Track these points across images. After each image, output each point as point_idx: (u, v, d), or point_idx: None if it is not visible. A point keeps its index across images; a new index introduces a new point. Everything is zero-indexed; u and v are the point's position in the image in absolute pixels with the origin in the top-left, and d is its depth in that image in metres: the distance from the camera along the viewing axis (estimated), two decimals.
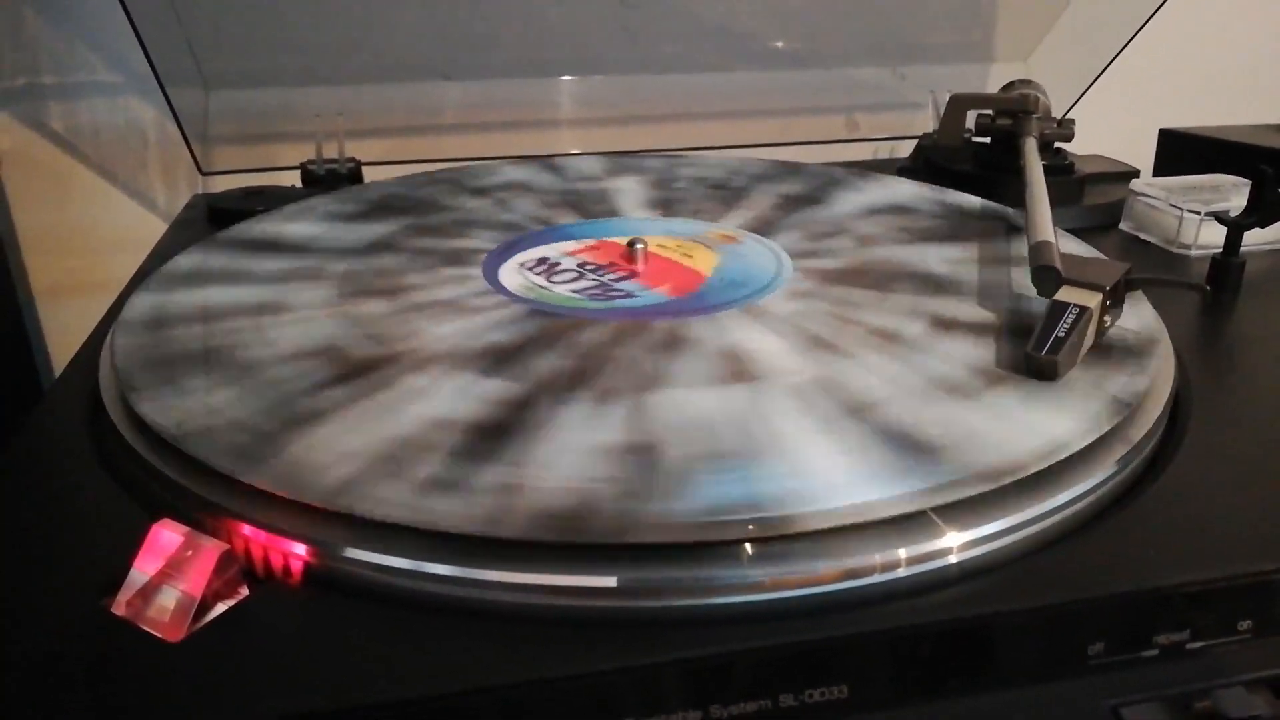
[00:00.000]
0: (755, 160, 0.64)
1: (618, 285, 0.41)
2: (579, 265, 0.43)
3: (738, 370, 0.33)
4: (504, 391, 0.32)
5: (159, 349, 0.36)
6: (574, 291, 0.40)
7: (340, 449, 0.29)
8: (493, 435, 0.29)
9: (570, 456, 0.28)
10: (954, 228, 0.49)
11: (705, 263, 0.44)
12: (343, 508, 0.26)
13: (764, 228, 0.49)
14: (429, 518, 0.26)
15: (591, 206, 0.53)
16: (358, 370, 0.34)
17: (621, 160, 0.63)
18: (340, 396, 0.32)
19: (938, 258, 0.44)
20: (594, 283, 0.41)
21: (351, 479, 0.27)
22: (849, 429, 0.30)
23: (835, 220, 0.50)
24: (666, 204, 0.54)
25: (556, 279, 0.42)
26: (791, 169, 0.61)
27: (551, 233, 0.48)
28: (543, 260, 0.44)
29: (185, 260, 0.45)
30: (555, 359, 0.34)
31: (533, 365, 0.34)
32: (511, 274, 0.43)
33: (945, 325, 0.37)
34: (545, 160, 0.64)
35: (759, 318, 0.38)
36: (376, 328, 0.37)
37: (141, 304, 0.40)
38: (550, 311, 0.38)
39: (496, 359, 0.34)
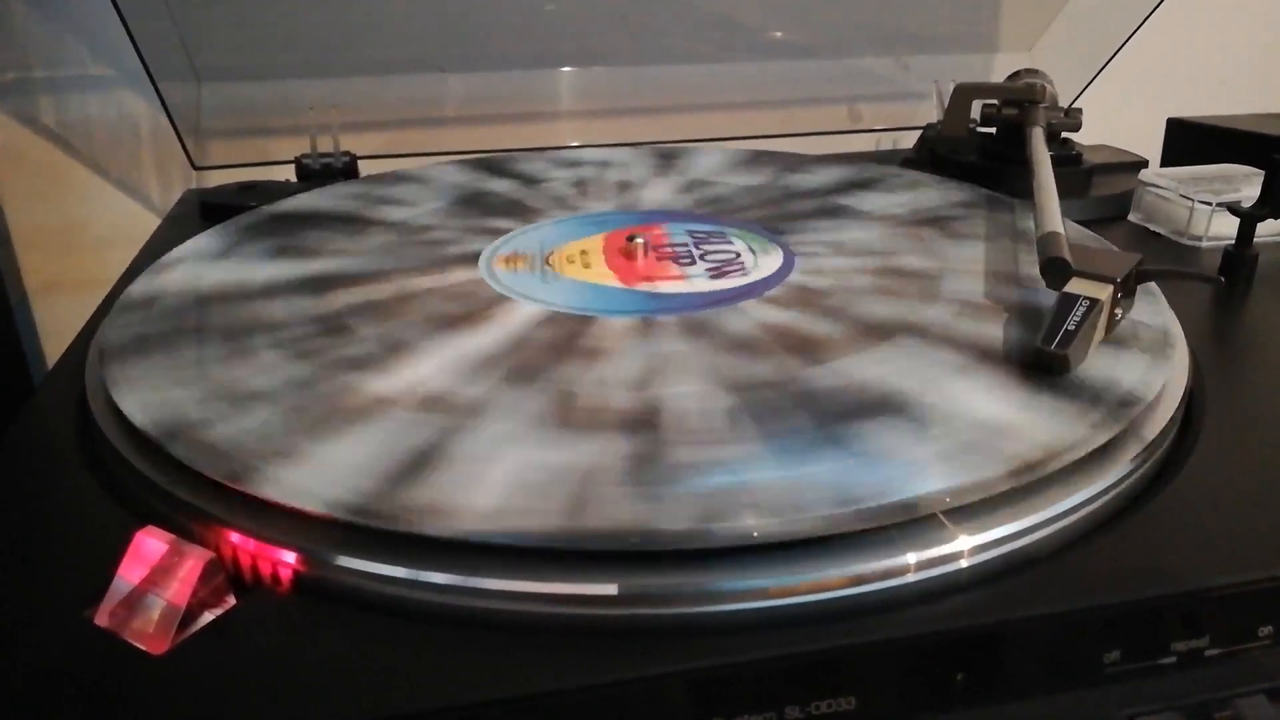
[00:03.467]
0: (741, 150, 0.63)
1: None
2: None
3: (737, 369, 0.32)
4: (501, 390, 0.31)
5: (147, 350, 0.35)
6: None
7: (331, 453, 0.28)
8: (486, 436, 0.28)
9: (562, 459, 0.27)
10: (960, 220, 0.48)
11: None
12: (334, 514, 0.25)
13: (765, 221, 0.48)
14: (423, 524, 0.25)
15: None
16: (352, 371, 0.33)
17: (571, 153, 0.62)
18: (330, 399, 0.31)
19: (944, 251, 0.43)
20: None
21: (343, 484, 0.26)
22: (854, 429, 0.29)
23: (839, 213, 0.49)
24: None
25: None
26: (792, 160, 0.60)
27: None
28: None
29: (175, 258, 0.44)
30: (545, 355, 0.33)
31: (552, 366, 0.33)
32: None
33: (952, 319, 0.36)
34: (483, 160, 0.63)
35: (762, 312, 0.37)
36: (371, 330, 0.36)
37: (130, 303, 0.39)
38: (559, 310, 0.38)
39: (487, 356, 0.33)
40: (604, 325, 0.36)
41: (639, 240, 0.43)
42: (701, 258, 0.42)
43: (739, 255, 0.43)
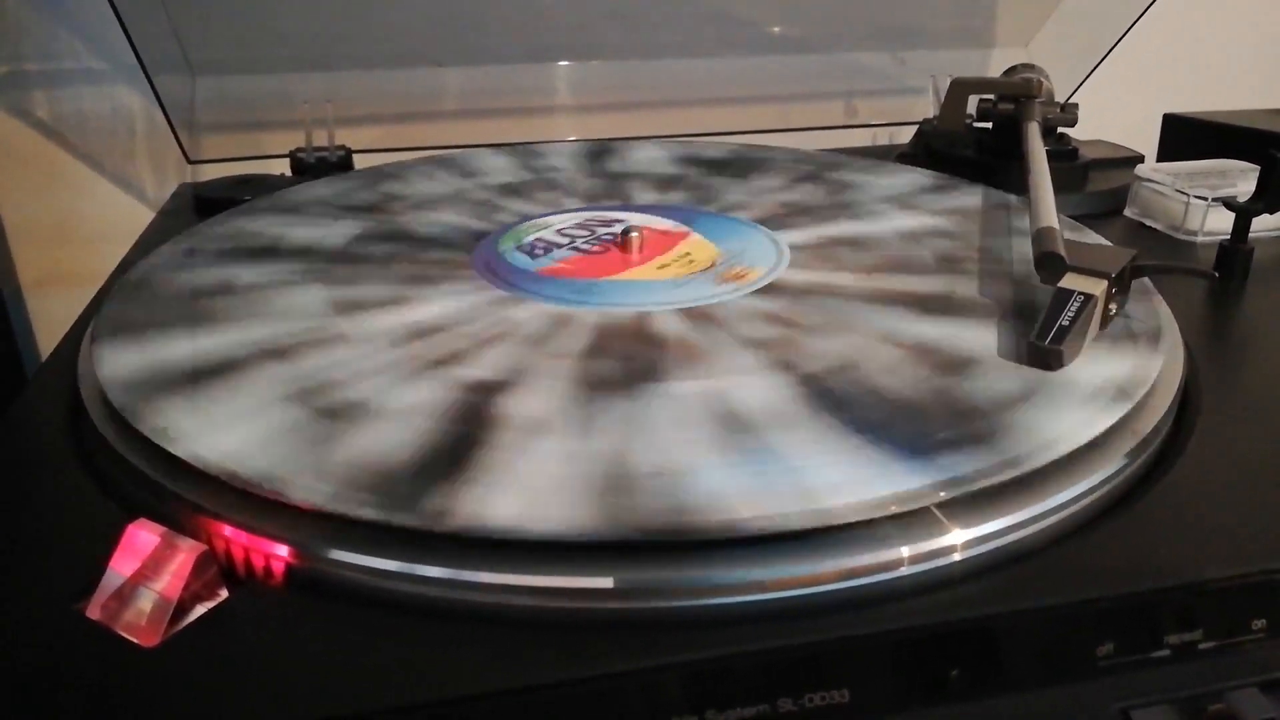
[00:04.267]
0: (748, 146, 0.63)
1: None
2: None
3: (735, 364, 0.32)
4: (497, 388, 0.31)
5: (139, 343, 0.35)
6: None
7: (325, 446, 0.28)
8: (484, 432, 0.28)
9: (563, 454, 0.27)
10: (956, 215, 0.48)
11: (704, 252, 0.43)
12: (326, 507, 0.25)
13: (764, 217, 0.48)
14: (414, 517, 0.25)
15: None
16: (344, 363, 0.33)
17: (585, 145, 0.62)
18: (325, 391, 0.31)
19: (939, 246, 0.43)
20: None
21: (334, 476, 0.26)
22: (848, 422, 0.29)
23: (835, 208, 0.49)
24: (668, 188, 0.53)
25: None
26: (788, 155, 0.60)
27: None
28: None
29: (169, 251, 0.44)
30: (544, 350, 0.33)
31: (519, 357, 0.33)
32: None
33: (947, 314, 0.36)
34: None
35: (757, 308, 0.37)
36: (362, 321, 0.36)
37: (122, 296, 0.39)
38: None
39: (485, 351, 0.33)
40: (598, 317, 0.36)
41: (634, 234, 0.42)
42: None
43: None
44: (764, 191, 0.52)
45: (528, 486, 0.26)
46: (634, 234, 0.42)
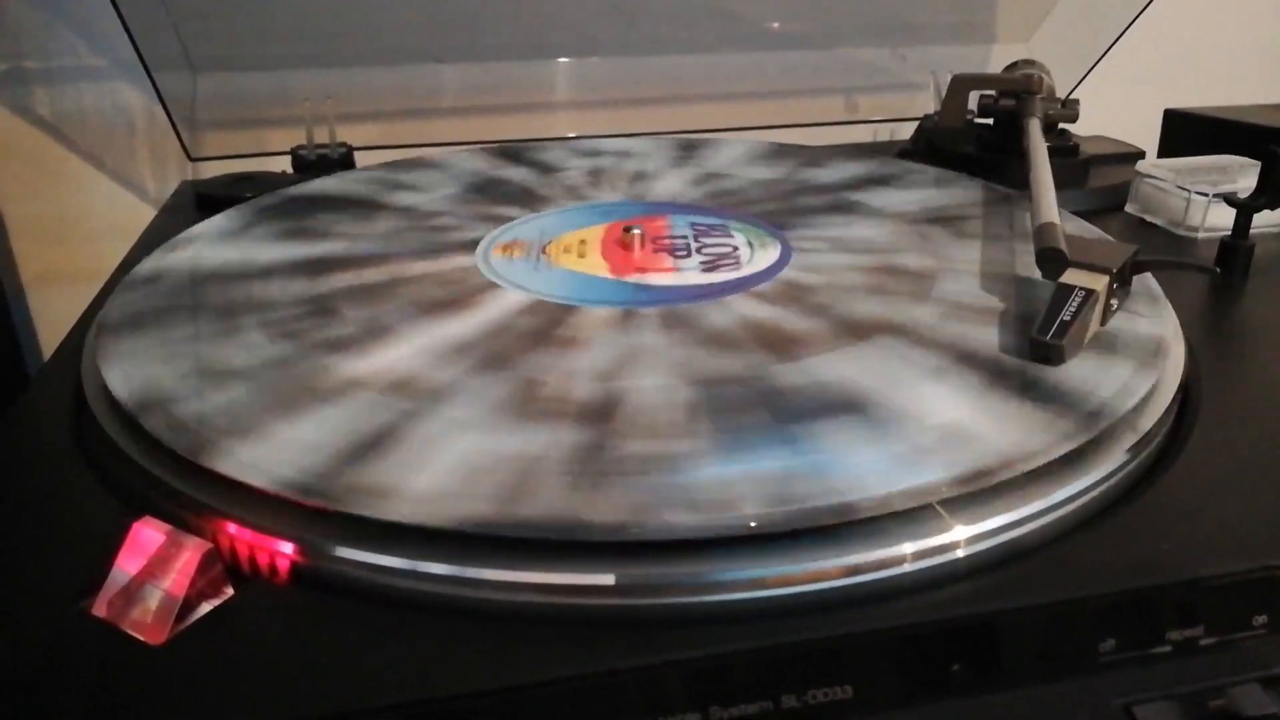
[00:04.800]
0: (748, 140, 0.63)
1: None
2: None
3: (734, 363, 0.32)
4: (496, 384, 0.31)
5: (142, 340, 0.35)
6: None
7: (330, 443, 0.28)
8: (482, 429, 0.28)
9: (561, 450, 0.27)
10: (956, 211, 0.48)
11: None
12: (331, 505, 0.25)
13: (767, 211, 0.48)
14: (421, 514, 0.25)
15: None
16: (348, 362, 0.33)
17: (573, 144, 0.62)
18: (330, 389, 0.31)
19: (940, 242, 0.43)
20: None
21: (337, 474, 0.26)
22: (850, 419, 0.29)
23: (835, 204, 0.49)
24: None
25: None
26: (789, 151, 0.60)
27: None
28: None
29: (171, 248, 0.44)
30: (542, 346, 0.33)
31: (524, 355, 0.33)
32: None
33: (948, 311, 0.36)
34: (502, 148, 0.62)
35: (758, 304, 0.37)
36: (368, 315, 0.36)
37: (125, 293, 0.39)
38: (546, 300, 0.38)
39: (486, 348, 0.33)
40: (585, 315, 0.36)
41: (635, 231, 0.43)
42: (698, 250, 0.42)
43: (736, 249, 0.43)
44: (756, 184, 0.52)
45: (524, 485, 0.26)
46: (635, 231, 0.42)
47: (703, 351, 0.33)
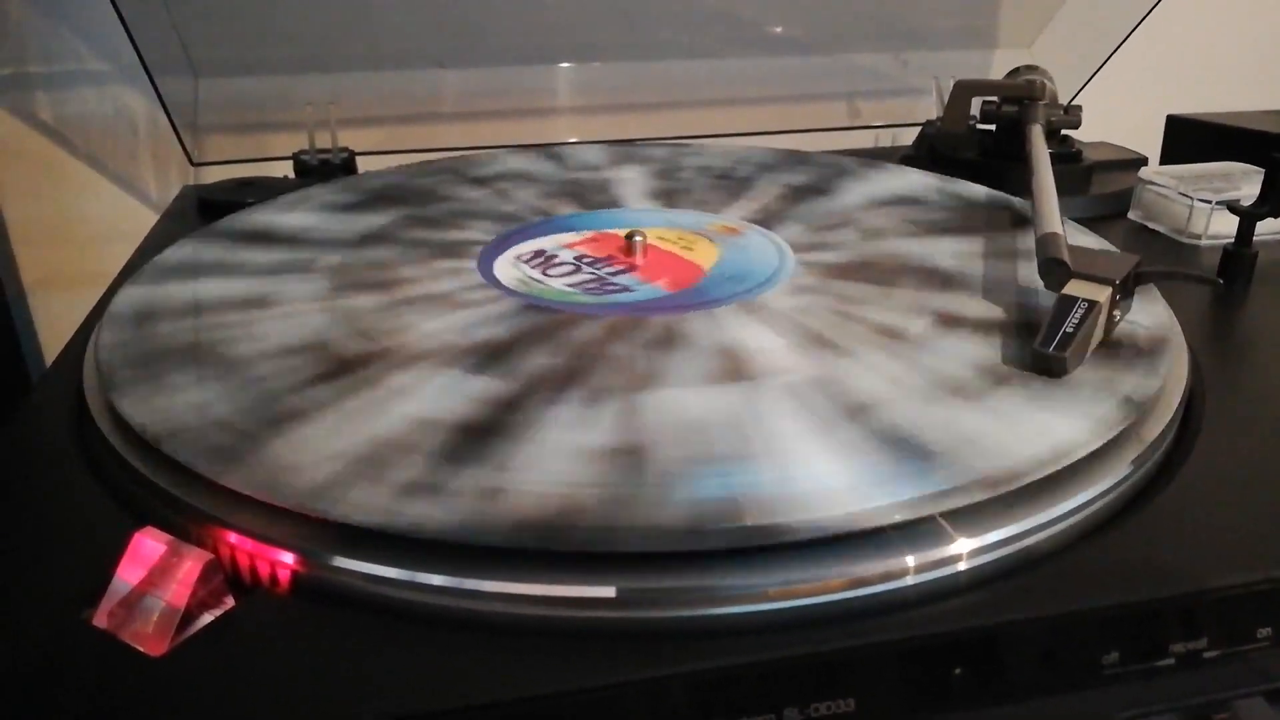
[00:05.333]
0: (760, 149, 0.63)
1: (615, 279, 0.40)
2: (576, 258, 0.43)
3: (736, 369, 0.32)
4: (494, 390, 0.31)
5: (144, 347, 0.35)
6: (570, 285, 0.40)
7: (330, 453, 0.28)
8: (482, 437, 0.28)
9: (563, 461, 0.27)
10: (959, 219, 0.48)
11: (705, 256, 0.43)
12: (332, 516, 0.25)
13: (768, 219, 0.48)
14: (419, 525, 0.25)
15: (592, 197, 0.52)
16: (348, 368, 0.33)
17: (623, 149, 0.62)
18: (330, 397, 0.31)
19: (943, 250, 0.43)
20: (590, 276, 0.41)
21: (341, 484, 0.26)
22: (853, 431, 0.29)
23: (839, 211, 0.49)
24: (669, 194, 0.53)
25: (552, 272, 0.41)
26: (798, 158, 0.60)
27: (549, 224, 0.47)
28: (539, 253, 0.43)
29: (173, 254, 0.44)
30: (547, 356, 0.33)
31: (524, 362, 0.33)
32: (507, 267, 0.42)
33: (950, 321, 0.36)
34: (545, 149, 0.63)
35: (759, 313, 0.37)
36: (367, 323, 0.36)
37: (127, 301, 0.39)
38: (544, 307, 0.37)
39: (488, 356, 0.33)
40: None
41: (638, 239, 0.43)
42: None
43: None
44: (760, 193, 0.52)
45: (523, 497, 0.26)
46: (638, 238, 0.42)
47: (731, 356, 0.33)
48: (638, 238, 0.42)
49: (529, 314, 0.37)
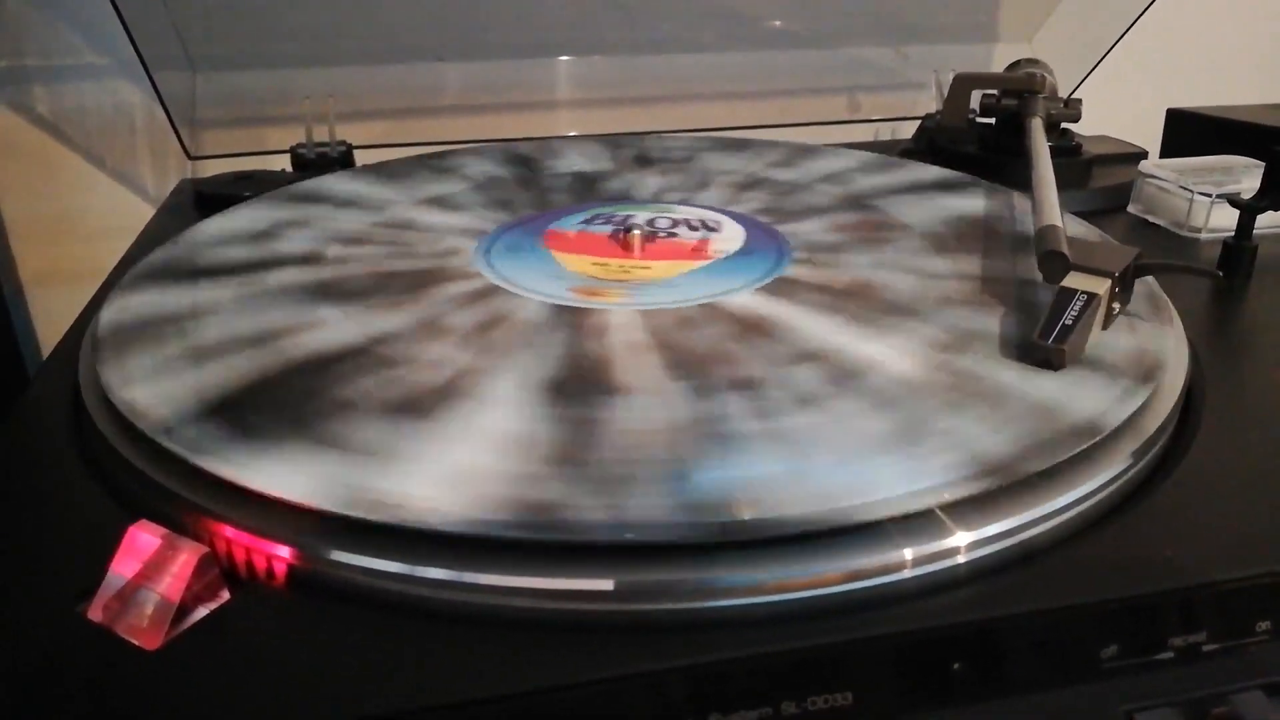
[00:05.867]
0: (757, 141, 0.62)
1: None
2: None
3: (737, 363, 0.32)
4: (494, 385, 0.31)
5: (140, 342, 0.35)
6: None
7: (324, 447, 0.28)
8: (484, 430, 0.28)
9: (563, 453, 0.27)
10: (958, 212, 0.48)
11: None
12: (326, 508, 0.25)
13: (766, 211, 0.48)
14: (418, 518, 0.25)
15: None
16: (347, 362, 0.33)
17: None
18: (328, 391, 0.31)
19: (942, 243, 0.43)
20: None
21: (333, 477, 0.26)
22: (851, 424, 0.29)
23: (836, 203, 0.49)
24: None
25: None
26: (797, 150, 0.60)
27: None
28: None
29: (171, 249, 0.44)
30: (552, 346, 0.33)
31: (525, 355, 0.33)
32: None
33: (949, 313, 0.36)
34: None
35: (758, 306, 0.37)
36: (368, 316, 0.36)
37: (123, 295, 0.39)
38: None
39: (489, 345, 0.33)
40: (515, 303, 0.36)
41: (635, 233, 0.42)
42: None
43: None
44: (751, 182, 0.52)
45: (523, 490, 0.26)
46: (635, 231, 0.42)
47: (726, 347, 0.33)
48: (635, 231, 0.42)
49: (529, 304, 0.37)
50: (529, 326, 0.35)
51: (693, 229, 0.45)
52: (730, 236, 0.44)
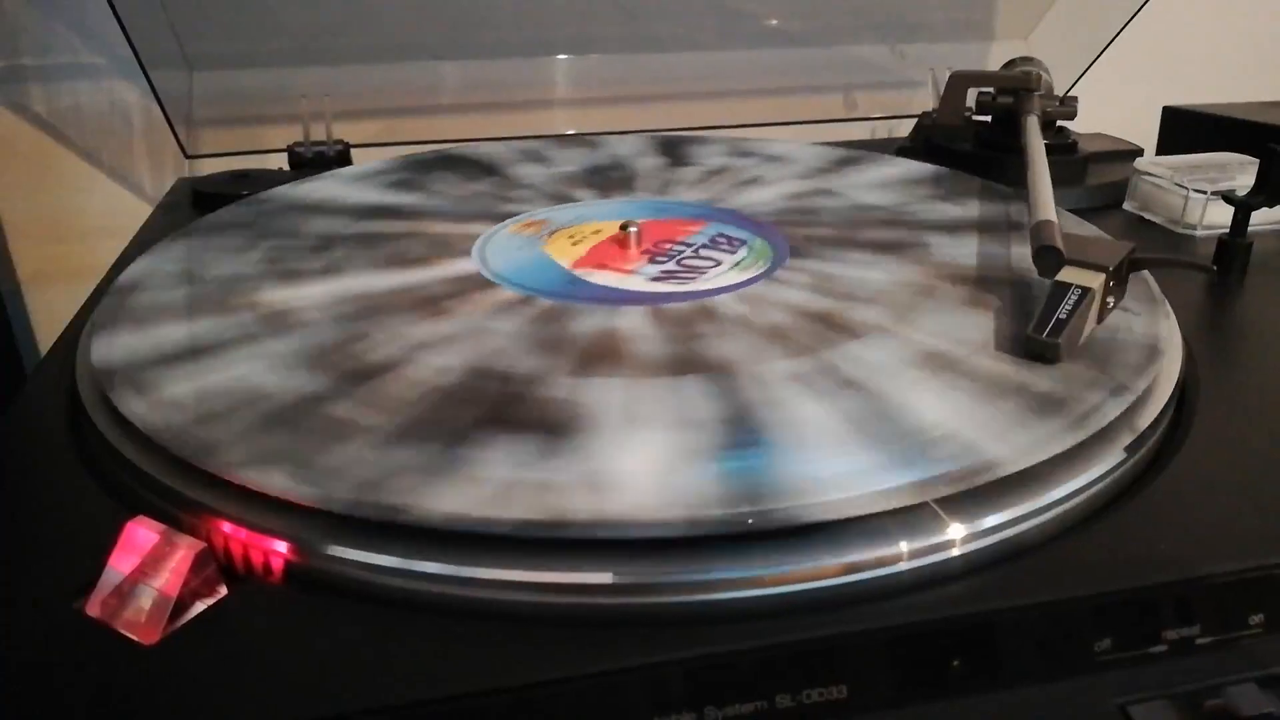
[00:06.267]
0: (744, 139, 0.62)
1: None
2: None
3: (731, 358, 0.32)
4: (493, 382, 0.31)
5: (138, 339, 0.35)
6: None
7: (322, 443, 0.28)
8: (483, 427, 0.28)
9: (561, 447, 0.27)
10: (954, 209, 0.48)
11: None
12: (326, 504, 0.25)
13: (761, 208, 0.48)
14: (416, 513, 0.25)
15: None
16: (345, 360, 0.33)
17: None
18: (326, 388, 0.31)
19: (937, 239, 0.43)
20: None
21: (336, 474, 0.26)
22: (846, 418, 0.29)
23: (833, 200, 0.49)
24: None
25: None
26: (789, 149, 0.60)
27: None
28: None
29: (167, 248, 0.44)
30: (551, 344, 0.33)
31: (527, 352, 0.33)
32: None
33: (944, 309, 0.36)
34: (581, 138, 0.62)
35: (754, 301, 0.37)
36: (368, 314, 0.36)
37: (120, 293, 0.39)
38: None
39: (486, 341, 0.33)
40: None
41: (632, 230, 0.43)
42: (677, 260, 0.41)
43: (717, 264, 0.41)
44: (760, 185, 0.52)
45: (520, 483, 0.26)
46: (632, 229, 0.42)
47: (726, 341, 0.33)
48: (632, 228, 0.42)
49: (526, 304, 0.37)
50: (496, 308, 0.35)
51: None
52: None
